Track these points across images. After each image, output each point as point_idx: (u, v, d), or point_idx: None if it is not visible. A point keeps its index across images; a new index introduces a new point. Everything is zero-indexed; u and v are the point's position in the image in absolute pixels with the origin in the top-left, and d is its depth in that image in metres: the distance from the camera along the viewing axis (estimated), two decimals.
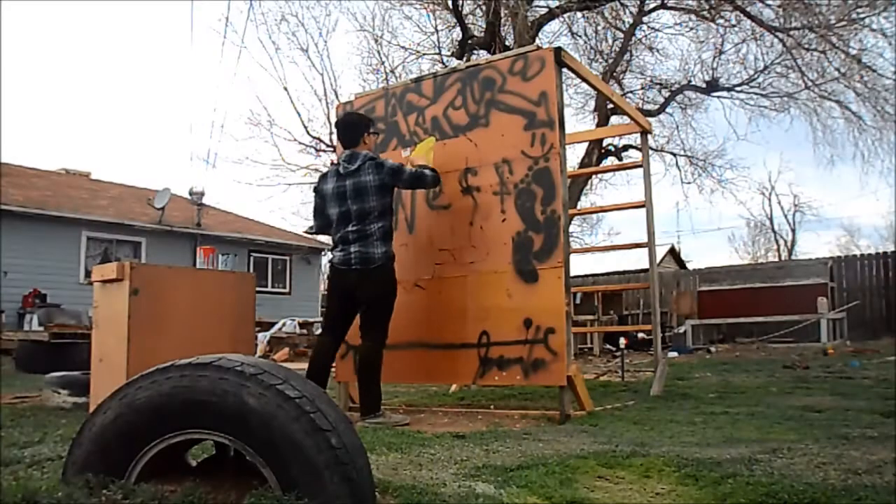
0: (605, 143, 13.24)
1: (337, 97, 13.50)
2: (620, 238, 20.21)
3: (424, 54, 12.67)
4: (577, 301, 12.51)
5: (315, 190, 4.09)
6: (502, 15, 11.21)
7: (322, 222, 4.06)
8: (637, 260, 17.56)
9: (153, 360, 1.75)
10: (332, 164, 4.07)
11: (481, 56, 11.09)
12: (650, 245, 5.44)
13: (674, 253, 25.75)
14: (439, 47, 12.44)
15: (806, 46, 11.22)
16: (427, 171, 3.95)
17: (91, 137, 50.56)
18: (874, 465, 2.27)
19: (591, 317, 12.13)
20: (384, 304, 3.85)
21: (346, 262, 3.83)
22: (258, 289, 4.50)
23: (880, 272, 12.96)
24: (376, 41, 12.97)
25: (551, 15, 11.94)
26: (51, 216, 13.99)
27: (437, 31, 12.39)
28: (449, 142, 4.34)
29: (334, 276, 3.98)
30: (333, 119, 12.06)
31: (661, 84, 13.28)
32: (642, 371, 7.22)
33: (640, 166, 5.70)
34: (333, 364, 4.09)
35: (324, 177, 4.06)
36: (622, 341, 8.17)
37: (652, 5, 12.08)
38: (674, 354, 9.91)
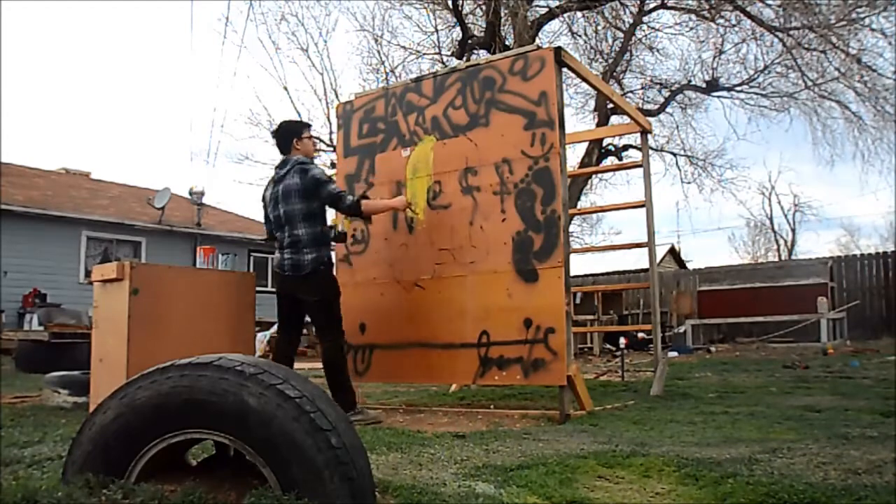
0: (605, 143, 13.24)
1: (337, 97, 13.50)
2: (620, 238, 20.17)
3: (424, 54, 12.66)
4: (577, 301, 12.51)
5: (262, 198, 4.17)
6: (502, 15, 11.19)
7: (269, 227, 4.14)
8: (637, 260, 17.59)
9: (153, 360, 1.75)
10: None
11: (481, 56, 11.08)
12: (650, 245, 5.44)
13: (674, 253, 25.72)
14: (439, 47, 12.43)
15: (806, 46, 11.21)
16: (349, 199, 3.91)
17: (91, 137, 50.57)
18: (874, 465, 2.27)
19: (591, 317, 12.13)
20: (324, 307, 3.92)
21: (281, 268, 3.97)
22: (258, 289, 4.49)
23: (880, 272, 12.95)
24: (376, 41, 12.97)
25: (551, 15, 11.92)
26: (51, 216, 13.98)
27: (437, 30, 12.37)
28: (449, 141, 4.34)
29: (276, 279, 4.10)
30: (334, 119, 12.07)
31: (661, 84, 13.27)
32: (642, 371, 7.22)
33: (640, 166, 5.71)
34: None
35: (268, 184, 4.12)
36: (622, 341, 8.17)
37: (652, 5, 12.08)
38: (674, 354, 9.91)
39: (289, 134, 4.09)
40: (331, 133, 13.57)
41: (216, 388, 1.51)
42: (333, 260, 4.11)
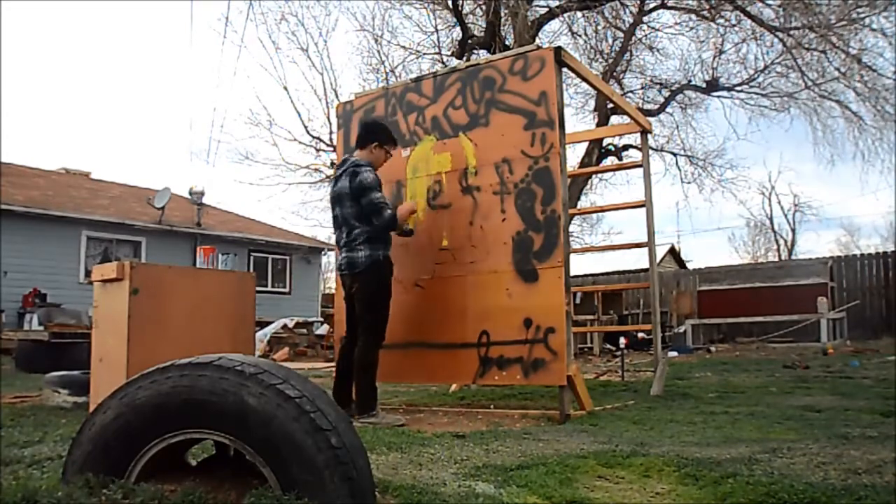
0: (605, 143, 13.23)
1: (337, 97, 13.50)
2: (620, 238, 20.12)
3: (424, 54, 12.65)
4: (577, 301, 12.50)
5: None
6: (502, 14, 11.19)
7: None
8: (637, 260, 17.56)
9: (153, 360, 1.75)
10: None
11: (481, 56, 11.07)
12: (650, 245, 5.44)
13: (674, 253, 25.72)
14: (439, 47, 12.42)
15: (806, 46, 11.20)
16: (388, 212, 3.83)
17: (91, 137, 50.59)
18: (874, 465, 2.27)
19: (591, 317, 12.12)
20: (371, 306, 3.88)
21: (339, 267, 4.07)
22: (258, 289, 4.49)
23: (880, 272, 12.95)
24: (376, 41, 12.96)
25: (551, 14, 11.92)
26: (51, 216, 13.98)
27: (437, 30, 12.37)
28: (449, 141, 4.33)
29: (339, 280, 4.23)
30: (333, 119, 12.08)
31: (661, 84, 13.25)
32: (642, 371, 7.22)
33: (640, 166, 5.71)
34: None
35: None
36: (622, 341, 8.16)
37: (652, 5, 12.07)
38: (674, 354, 9.91)
39: (369, 134, 4.04)
40: (331, 133, 13.57)
41: (216, 388, 1.51)
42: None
